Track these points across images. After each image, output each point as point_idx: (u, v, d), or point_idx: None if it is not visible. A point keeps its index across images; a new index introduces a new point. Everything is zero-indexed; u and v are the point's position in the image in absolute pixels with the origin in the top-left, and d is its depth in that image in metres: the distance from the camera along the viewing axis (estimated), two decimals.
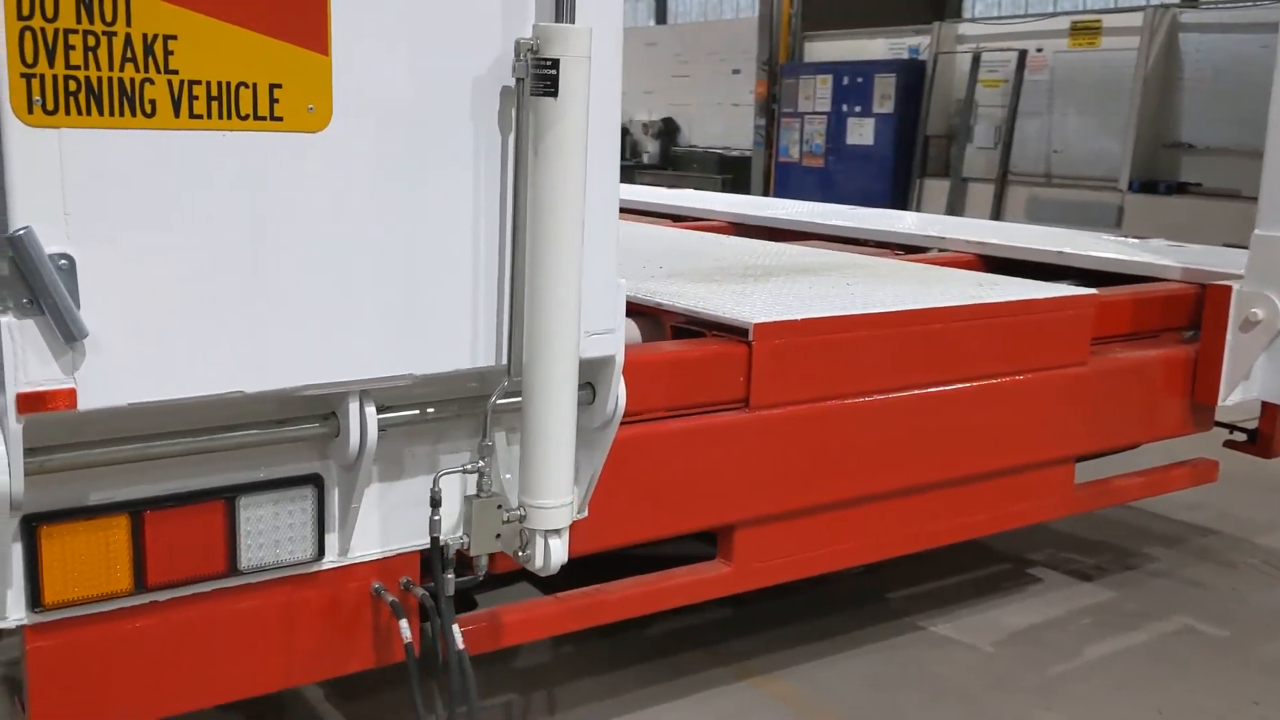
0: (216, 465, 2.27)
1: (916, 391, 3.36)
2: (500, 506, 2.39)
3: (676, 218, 6.59)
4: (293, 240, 2.08)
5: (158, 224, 1.96)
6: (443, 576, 2.38)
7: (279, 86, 2.03)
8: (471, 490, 2.41)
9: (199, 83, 1.95)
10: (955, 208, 12.16)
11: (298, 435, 2.27)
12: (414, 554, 2.52)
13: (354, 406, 2.24)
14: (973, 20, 12.61)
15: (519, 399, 2.36)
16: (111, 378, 1.96)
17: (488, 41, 2.22)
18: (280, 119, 2.04)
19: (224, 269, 2.03)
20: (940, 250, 5.17)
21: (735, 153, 15.44)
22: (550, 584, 3.12)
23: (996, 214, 11.78)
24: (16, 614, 2.12)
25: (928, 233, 5.37)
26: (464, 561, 2.58)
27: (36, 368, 1.90)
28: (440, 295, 2.26)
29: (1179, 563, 4.86)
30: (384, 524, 2.48)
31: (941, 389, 3.41)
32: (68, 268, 1.89)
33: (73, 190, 1.88)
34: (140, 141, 1.92)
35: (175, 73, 1.93)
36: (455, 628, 2.40)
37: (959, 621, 4.23)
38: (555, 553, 2.38)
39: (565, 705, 3.57)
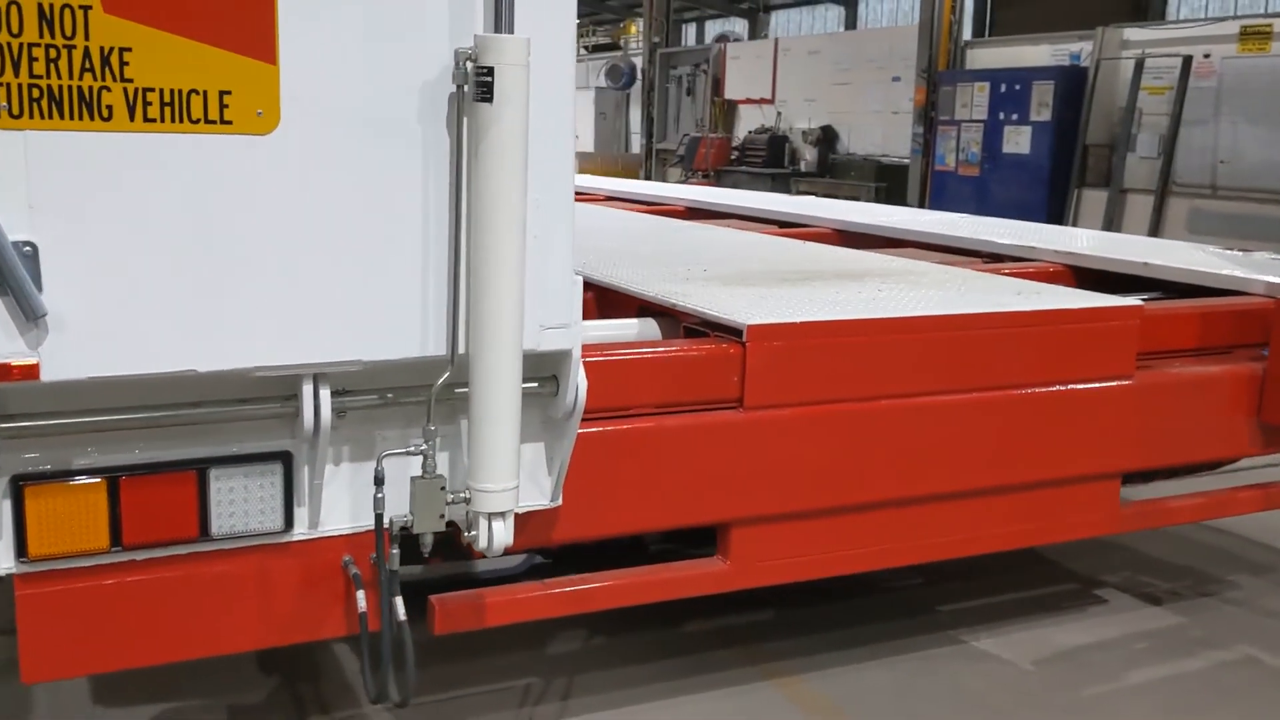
0: (193, 438, 2.49)
1: (925, 398, 3.34)
2: (443, 488, 2.52)
3: (784, 224, 6.65)
4: (243, 233, 2.27)
5: (115, 216, 2.18)
6: (385, 551, 2.53)
7: (228, 93, 2.22)
8: (418, 472, 2.55)
9: (152, 90, 2.16)
10: (1113, 219, 11.71)
11: (259, 414, 2.47)
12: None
13: (308, 389, 2.42)
14: (1138, 25, 12.10)
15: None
16: (72, 353, 2.19)
17: (436, 50, 2.36)
18: (230, 122, 2.23)
19: (177, 258, 2.23)
20: (1029, 260, 5.07)
21: (892, 161, 15.23)
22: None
23: (1155, 226, 11.29)
24: (5, 563, 2.38)
25: (1020, 243, 5.27)
26: None
27: (3, 342, 2.14)
28: (390, 287, 2.41)
29: (1261, 591, 4.62)
30: (355, 501, 2.65)
31: (954, 397, 3.38)
32: (31, 254, 2.13)
33: (37, 185, 2.11)
34: (98, 143, 2.14)
35: (130, 81, 2.15)
36: (398, 601, 2.55)
37: (1005, 638, 4.15)
38: (498, 535, 2.51)
39: (583, 692, 3.68)
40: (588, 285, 3.99)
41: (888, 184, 15.00)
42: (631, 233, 5.56)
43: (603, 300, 3.95)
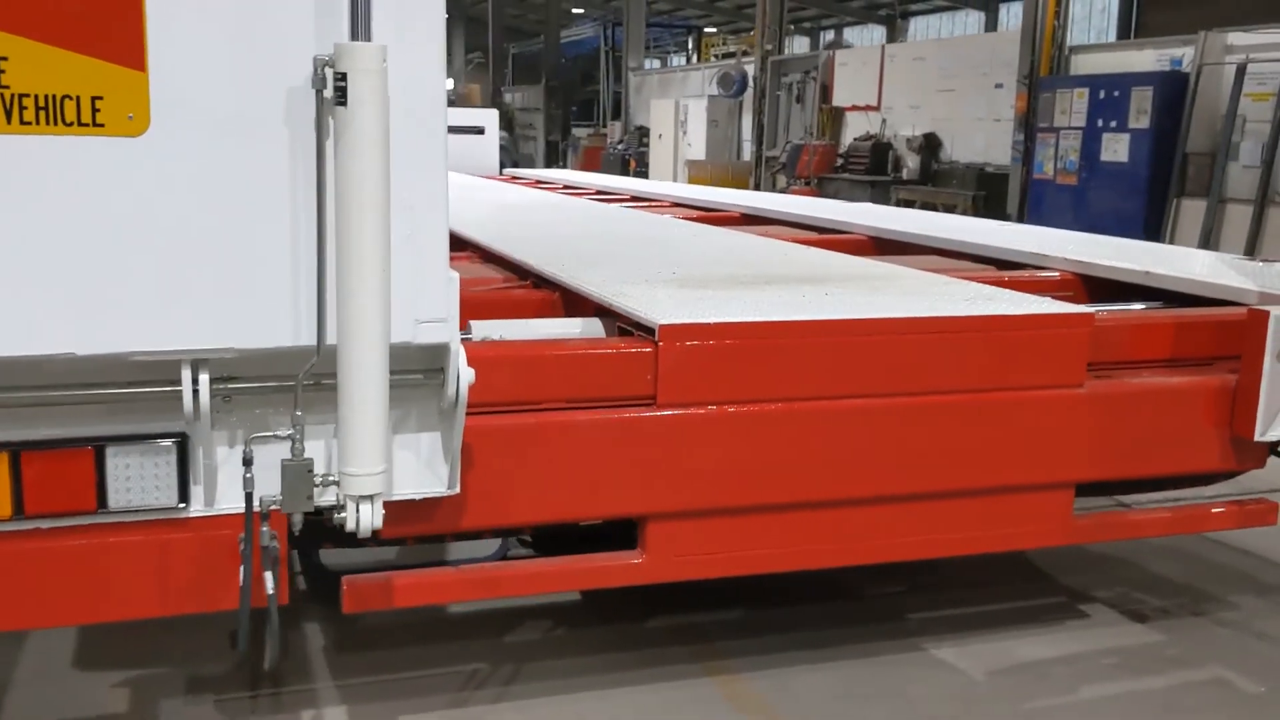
0: (97, 418, 2.69)
1: (848, 401, 3.35)
2: (310, 470, 2.67)
3: (824, 230, 6.69)
4: (117, 227, 2.46)
5: None
6: (254, 529, 2.69)
7: (100, 98, 2.41)
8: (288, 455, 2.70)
9: (28, 95, 2.36)
10: (1211, 230, 11.29)
11: (149, 396, 2.65)
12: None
13: (187, 374, 2.59)
14: (1241, 29, 11.62)
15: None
16: None
17: (300, 57, 2.50)
18: (102, 125, 2.42)
19: (54, 250, 2.43)
20: (1041, 269, 5.01)
21: (994, 169, 14.95)
22: None
23: (1254, 238, 10.85)
24: None
25: (1030, 250, 5.20)
26: None
27: None
28: (260, 279, 2.57)
29: (1259, 613, 4.46)
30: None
31: (879, 400, 3.38)
32: None
33: None
34: None
35: (6, 88, 2.35)
36: (268, 575, 2.70)
37: (967, 647, 4.11)
38: (365, 517, 2.64)
39: (526, 679, 3.79)
40: (554, 285, 4.16)
41: (987, 192, 14.73)
42: (644, 238, 5.65)
43: (568, 300, 4.07)
